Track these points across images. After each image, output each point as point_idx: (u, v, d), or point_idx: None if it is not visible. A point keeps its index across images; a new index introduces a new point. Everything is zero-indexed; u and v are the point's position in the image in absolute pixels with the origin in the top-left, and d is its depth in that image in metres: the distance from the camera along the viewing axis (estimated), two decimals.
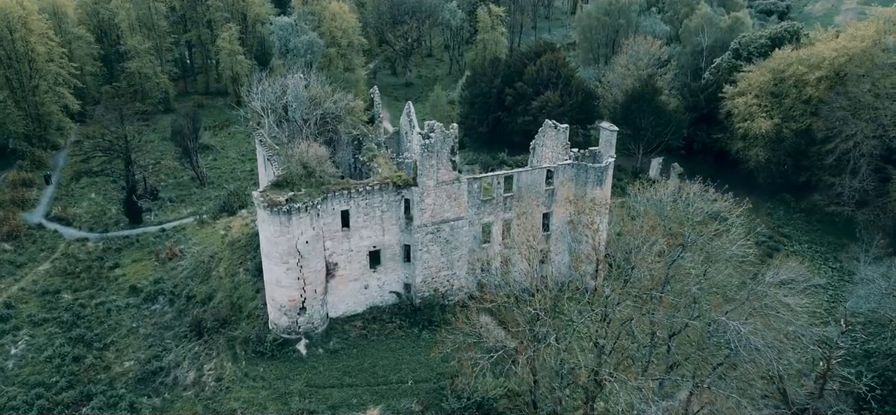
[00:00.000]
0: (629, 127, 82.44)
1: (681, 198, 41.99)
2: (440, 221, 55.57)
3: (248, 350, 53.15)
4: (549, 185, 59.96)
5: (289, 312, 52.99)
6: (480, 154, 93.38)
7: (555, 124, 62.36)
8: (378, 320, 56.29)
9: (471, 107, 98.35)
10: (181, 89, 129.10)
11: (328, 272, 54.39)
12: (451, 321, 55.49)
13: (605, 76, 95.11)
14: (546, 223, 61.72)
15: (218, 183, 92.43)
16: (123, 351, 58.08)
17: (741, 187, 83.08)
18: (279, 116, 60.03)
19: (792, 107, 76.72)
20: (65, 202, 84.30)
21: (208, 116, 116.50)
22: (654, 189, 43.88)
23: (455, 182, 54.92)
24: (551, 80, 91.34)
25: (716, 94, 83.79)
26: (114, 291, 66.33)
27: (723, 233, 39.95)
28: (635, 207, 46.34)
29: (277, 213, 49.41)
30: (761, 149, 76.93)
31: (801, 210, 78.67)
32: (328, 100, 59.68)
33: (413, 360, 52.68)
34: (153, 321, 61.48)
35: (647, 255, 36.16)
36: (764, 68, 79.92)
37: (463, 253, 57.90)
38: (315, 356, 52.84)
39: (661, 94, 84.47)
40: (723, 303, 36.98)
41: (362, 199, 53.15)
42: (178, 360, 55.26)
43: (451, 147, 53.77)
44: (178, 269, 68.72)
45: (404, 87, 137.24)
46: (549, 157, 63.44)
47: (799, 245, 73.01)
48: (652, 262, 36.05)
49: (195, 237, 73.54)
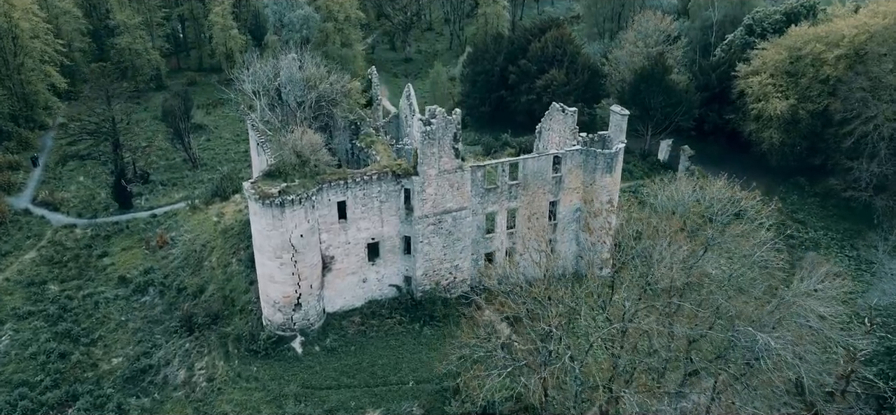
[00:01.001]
0: (638, 107, 79.03)
1: (703, 195, 38.87)
2: (442, 212, 52.77)
3: (241, 348, 50.71)
4: (557, 172, 57.07)
5: (283, 308, 50.45)
6: (483, 135, 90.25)
7: (562, 108, 59.21)
8: (377, 314, 53.77)
9: (472, 85, 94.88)
10: (173, 66, 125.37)
11: (324, 266, 51.73)
12: (453, 317, 53.45)
13: (611, 53, 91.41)
14: (553, 212, 58.98)
15: (211, 165, 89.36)
16: (111, 347, 55.67)
17: (753, 170, 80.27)
18: (272, 98, 56.91)
19: (808, 87, 73.34)
20: (52, 186, 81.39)
21: (202, 93, 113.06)
22: (674, 186, 40.61)
23: (458, 171, 52.00)
24: (556, 58, 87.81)
25: (728, 72, 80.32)
26: (102, 282, 63.76)
27: (749, 234, 36.94)
28: (654, 204, 43.20)
29: (269, 205, 46.57)
30: (775, 131, 73.75)
31: (815, 194, 75.75)
32: (324, 81, 56.50)
33: (414, 359, 50.25)
34: (143, 315, 59.00)
35: (671, 260, 33.22)
36: (779, 46, 76.37)
37: (466, 244, 55.20)
38: (311, 355, 50.39)
39: (671, 72, 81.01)
40: (747, 308, 34.15)
41: (360, 189, 50.28)
42: (169, 357, 52.86)
43: (453, 134, 50.76)
44: (169, 258, 66.07)
45: (403, 62, 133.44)
46: (555, 142, 60.42)
47: (814, 232, 70.24)
48: (675, 269, 33.11)
49: (187, 224, 70.74)
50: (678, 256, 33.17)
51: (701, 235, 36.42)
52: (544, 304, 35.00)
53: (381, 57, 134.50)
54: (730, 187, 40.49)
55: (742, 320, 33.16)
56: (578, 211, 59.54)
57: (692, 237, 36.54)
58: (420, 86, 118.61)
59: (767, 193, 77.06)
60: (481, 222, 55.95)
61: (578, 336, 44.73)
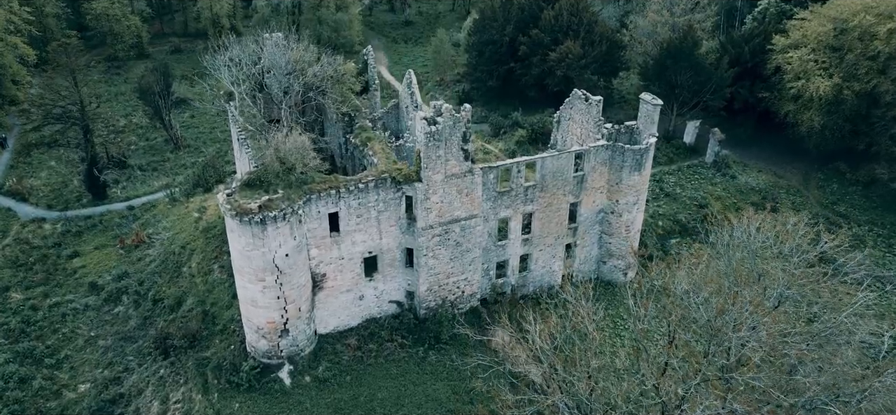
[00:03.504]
0: (662, 84, 71.66)
1: (776, 238, 31.69)
2: (449, 221, 46.04)
3: (221, 379, 44.55)
4: (578, 170, 50.24)
5: (268, 335, 44.17)
6: (490, 112, 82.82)
7: (585, 95, 51.98)
8: (375, 336, 47.52)
9: (479, 56, 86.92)
10: (157, 30, 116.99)
11: (315, 284, 45.29)
12: (460, 339, 47.44)
13: (631, 21, 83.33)
14: (573, 214, 52.37)
15: (195, 146, 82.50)
16: (79, 369, 49.72)
17: (787, 154, 73.47)
18: (253, 86, 49.69)
19: (855, 63, 65.70)
20: (21, 171, 74.57)
21: (186, 61, 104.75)
22: (744, 228, 33.11)
23: (467, 175, 45.09)
24: (571, 27, 79.87)
25: (763, 45, 72.42)
26: (72, 288, 57.50)
27: (843, 296, 29.91)
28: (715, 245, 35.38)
29: (249, 223, 39.85)
30: (816, 113, 66.35)
31: (857, 183, 68.86)
32: (313, 66, 49.20)
33: (418, 391, 44.18)
34: (115, 330, 52.86)
35: (748, 341, 26.41)
36: (822, 16, 68.48)
37: (476, 255, 48.65)
38: (301, 387, 44.29)
39: (700, 47, 73.21)
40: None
41: (354, 198, 43.44)
42: (141, 386, 46.87)
43: (462, 133, 43.64)
44: (144, 259, 59.62)
45: (403, 25, 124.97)
46: (577, 134, 53.40)
47: (858, 226, 63.57)
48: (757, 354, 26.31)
49: (166, 219, 64.05)
50: (761, 339, 26.27)
51: (772, 286, 29.52)
52: (588, 399, 28.26)
53: (379, 20, 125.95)
54: (812, 223, 33.11)
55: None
56: (602, 212, 52.93)
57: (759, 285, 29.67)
58: (421, 52, 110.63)
59: (804, 182, 70.40)
60: (493, 228, 49.34)
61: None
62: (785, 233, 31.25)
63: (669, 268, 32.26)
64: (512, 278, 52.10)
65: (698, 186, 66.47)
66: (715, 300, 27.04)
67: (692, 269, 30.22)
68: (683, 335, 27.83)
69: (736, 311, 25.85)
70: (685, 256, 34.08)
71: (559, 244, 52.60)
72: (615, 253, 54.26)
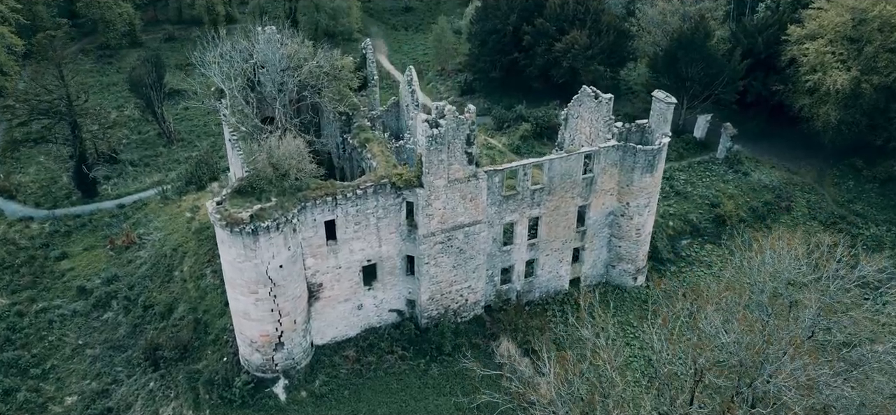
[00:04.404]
0: (671, 76, 69.05)
1: (812, 264, 29.21)
2: (452, 228, 43.74)
3: (213, 395, 42.49)
4: (588, 172, 47.88)
5: (262, 348, 42.04)
6: (493, 105, 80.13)
7: (595, 93, 49.43)
8: (375, 347, 45.41)
9: (481, 46, 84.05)
10: (150, 17, 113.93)
11: (311, 294, 43.09)
12: (463, 350, 45.39)
13: (640, 11, 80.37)
14: (581, 216, 50.11)
15: (189, 139, 79.91)
16: (65, 380, 47.63)
17: (801, 149, 70.95)
18: (245, 84, 47.20)
19: (875, 55, 62.95)
20: (9, 167, 72.19)
21: (180, 50, 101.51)
22: (774, 254, 30.58)
23: (472, 179, 42.71)
24: (578, 17, 77.01)
25: (777, 36, 69.61)
26: (59, 292, 55.35)
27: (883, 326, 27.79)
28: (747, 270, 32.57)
29: (240, 233, 37.54)
30: (833, 107, 63.75)
31: (874, 179, 66.31)
32: (308, 62, 46.70)
33: (419, 407, 42.15)
34: (103, 338, 50.76)
35: (783, 384, 24.16)
36: (840, 6, 65.54)
37: (480, 262, 46.40)
38: (297, 403, 42.22)
39: (713, 38, 70.42)
40: None
41: (352, 205, 41.11)
42: (130, 399, 44.82)
43: (466, 136, 41.19)
44: (135, 262, 57.40)
45: (404, 12, 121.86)
46: (586, 132, 50.94)
47: (876, 227, 61.22)
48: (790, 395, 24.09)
49: (157, 219, 61.74)
50: (800, 380, 24.07)
51: (804, 315, 27.17)
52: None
53: (378, 6, 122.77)
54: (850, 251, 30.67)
55: None
56: (612, 215, 50.64)
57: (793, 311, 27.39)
58: (422, 40, 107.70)
59: (819, 178, 67.99)
60: (498, 233, 47.06)
61: None
62: (820, 257, 28.94)
63: (695, 296, 29.92)
64: (517, 284, 49.98)
65: (710, 184, 64.06)
66: (747, 339, 24.83)
67: (719, 303, 27.86)
68: (710, 376, 25.73)
69: (773, 351, 23.67)
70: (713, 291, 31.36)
71: (567, 248, 50.47)
72: (625, 257, 52.09)
